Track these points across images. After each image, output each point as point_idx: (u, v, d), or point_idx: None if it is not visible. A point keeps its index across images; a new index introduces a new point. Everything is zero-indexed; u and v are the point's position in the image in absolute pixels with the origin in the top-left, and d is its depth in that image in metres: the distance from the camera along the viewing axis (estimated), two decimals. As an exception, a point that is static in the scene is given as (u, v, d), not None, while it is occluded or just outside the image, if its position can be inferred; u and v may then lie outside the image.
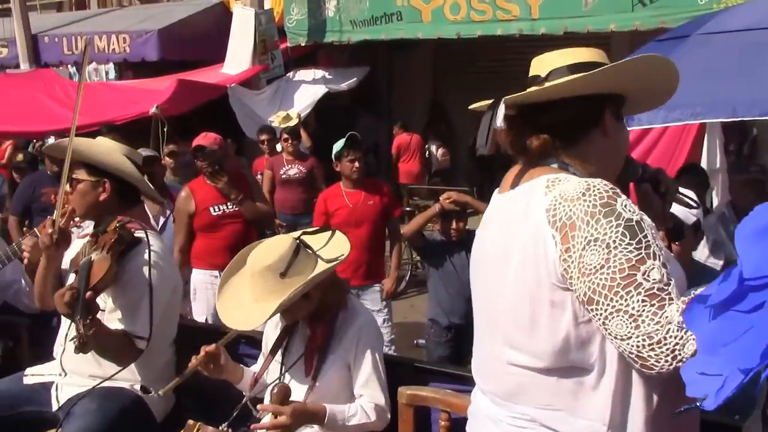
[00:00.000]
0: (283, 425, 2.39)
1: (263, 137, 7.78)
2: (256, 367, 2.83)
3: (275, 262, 2.47)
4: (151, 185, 3.09)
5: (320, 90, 10.00)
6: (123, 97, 9.32)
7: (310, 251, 2.61)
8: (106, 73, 11.42)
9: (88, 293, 2.52)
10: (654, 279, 1.47)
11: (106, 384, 2.79)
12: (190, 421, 2.51)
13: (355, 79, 10.55)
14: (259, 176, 7.56)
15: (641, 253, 1.49)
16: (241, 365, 2.82)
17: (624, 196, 1.56)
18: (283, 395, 2.44)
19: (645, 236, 1.50)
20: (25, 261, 3.07)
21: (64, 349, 2.89)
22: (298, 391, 2.57)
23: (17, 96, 9.73)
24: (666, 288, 1.48)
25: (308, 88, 10.08)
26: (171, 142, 8.04)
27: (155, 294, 2.75)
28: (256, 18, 9.60)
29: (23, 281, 3.43)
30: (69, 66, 11.80)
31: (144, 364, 2.85)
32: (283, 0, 10.41)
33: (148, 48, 10.89)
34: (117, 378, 2.79)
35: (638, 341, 1.45)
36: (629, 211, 1.52)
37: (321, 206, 4.91)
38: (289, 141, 7.57)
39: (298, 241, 2.57)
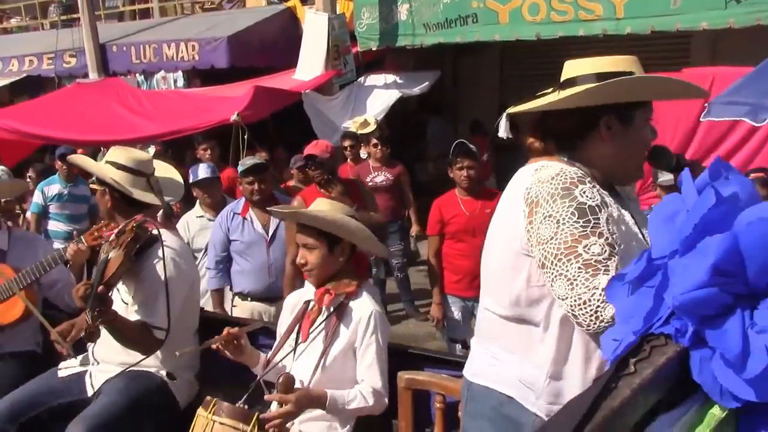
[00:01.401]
0: (288, 412, 2.60)
1: (347, 143, 7.63)
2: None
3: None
4: (151, 194, 3.24)
5: (393, 95, 9.82)
6: (196, 105, 9.27)
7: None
8: (175, 81, 11.39)
9: (100, 287, 2.77)
10: (593, 252, 1.74)
11: (136, 369, 3.09)
12: (208, 397, 2.72)
13: (427, 83, 10.37)
14: (344, 183, 7.42)
15: (586, 231, 1.76)
16: (258, 351, 3.01)
17: (588, 185, 1.83)
18: (287, 384, 2.64)
19: (596, 219, 1.78)
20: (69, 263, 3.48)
21: (95, 343, 3.16)
22: (307, 372, 2.79)
23: (91, 105, 9.75)
24: (604, 262, 1.73)
25: (381, 93, 9.92)
26: (251, 149, 7.97)
27: (171, 287, 3.00)
28: (329, 23, 9.46)
29: (68, 279, 3.67)
30: (137, 75, 11.79)
31: (169, 353, 3.08)
32: (353, 4, 10.26)
33: (217, 55, 10.83)
34: (145, 364, 3.09)
35: (571, 301, 1.73)
36: (586, 197, 1.80)
37: (436, 214, 4.75)
38: (379, 147, 7.42)
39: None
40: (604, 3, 8.45)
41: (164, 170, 3.50)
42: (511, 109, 2.03)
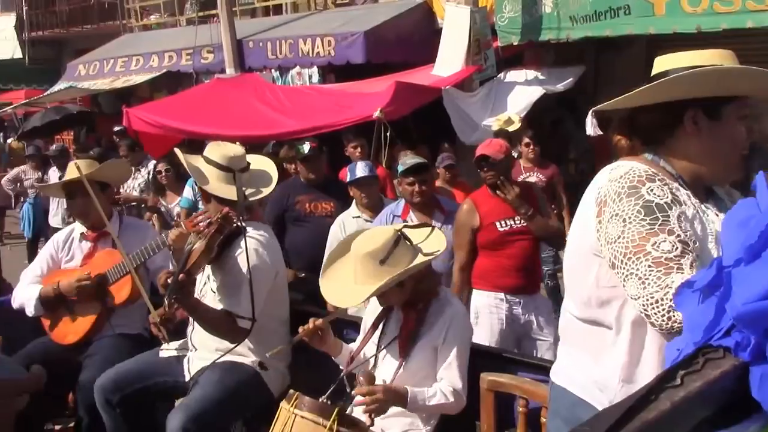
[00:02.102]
0: (379, 399, 2.65)
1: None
2: (353, 346, 3.11)
3: (377, 249, 2.73)
4: (231, 187, 3.34)
5: (536, 91, 9.40)
6: (335, 101, 9.16)
7: (410, 243, 2.84)
8: (310, 77, 11.36)
9: (180, 275, 2.90)
10: (663, 250, 1.69)
11: (229, 358, 3.21)
12: (291, 391, 2.74)
13: (570, 79, 9.87)
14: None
15: (654, 228, 1.72)
16: (341, 341, 3.07)
17: (657, 182, 1.79)
18: (369, 379, 2.71)
19: (665, 216, 1.73)
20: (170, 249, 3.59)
21: (193, 328, 3.37)
22: (389, 371, 2.84)
23: (230, 100, 9.84)
24: (676, 259, 1.68)
25: (522, 90, 9.51)
26: (394, 147, 7.76)
27: (254, 278, 3.07)
28: (471, 16, 9.13)
29: (171, 267, 3.71)
30: (272, 70, 11.86)
31: (258, 343, 3.20)
32: (494, -3, 9.89)
33: (353, 51, 10.72)
34: (238, 353, 3.22)
35: (644, 300, 1.68)
36: (654, 194, 1.76)
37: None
38: (531, 146, 7.05)
39: (399, 232, 2.81)
40: (777, -9, 7.75)
41: (260, 164, 3.64)
42: (599, 107, 2.01)
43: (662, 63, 1.96)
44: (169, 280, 3.09)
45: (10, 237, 12.48)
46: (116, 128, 10.42)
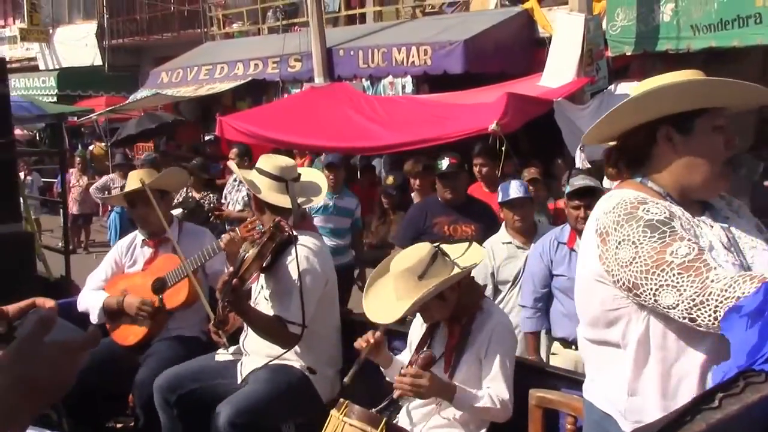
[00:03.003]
0: (421, 386, 2.68)
1: None
2: (401, 357, 3.17)
3: (414, 265, 2.81)
4: (285, 196, 3.46)
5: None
6: (438, 113, 8.70)
7: (448, 258, 2.92)
8: (403, 87, 10.97)
9: (235, 281, 3.03)
10: (682, 254, 1.76)
11: (278, 362, 3.31)
12: (341, 399, 2.81)
13: (686, 92, 9.22)
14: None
15: (665, 240, 1.80)
16: (392, 354, 3.14)
17: (650, 203, 1.89)
18: (427, 361, 2.73)
19: (671, 228, 1.83)
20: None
21: (246, 335, 3.49)
22: None
23: (324, 110, 9.48)
24: (700, 258, 1.75)
25: (636, 103, 8.92)
26: (508, 163, 7.27)
27: (304, 285, 3.20)
28: (585, 25, 8.60)
29: (226, 271, 3.74)
30: (363, 79, 11.50)
31: (309, 348, 3.32)
32: (606, 4, 9.33)
33: (451, 60, 10.27)
34: (287, 357, 3.31)
35: (685, 306, 1.73)
36: (651, 213, 1.86)
37: None
38: None
39: (436, 248, 2.90)
40: None
41: (310, 175, 3.82)
42: (585, 137, 2.14)
43: (642, 86, 2.02)
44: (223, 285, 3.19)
45: (95, 245, 12.37)
46: (207, 137, 10.14)
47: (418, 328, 3.11)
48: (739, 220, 2.05)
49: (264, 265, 3.26)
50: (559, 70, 8.88)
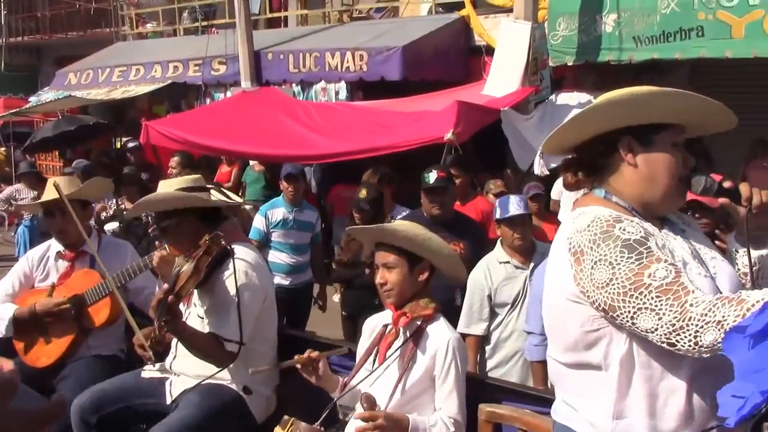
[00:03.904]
0: (381, 426, 2.60)
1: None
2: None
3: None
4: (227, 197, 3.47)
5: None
6: (382, 121, 8.36)
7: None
8: (337, 93, 10.53)
9: (170, 297, 2.86)
10: (660, 277, 1.75)
11: (212, 381, 3.16)
12: (285, 417, 2.81)
13: (627, 104, 9.22)
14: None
15: (642, 262, 1.79)
16: (337, 376, 3.00)
17: (625, 222, 1.87)
18: (371, 402, 2.68)
19: (647, 249, 1.81)
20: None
21: (174, 356, 3.35)
22: (383, 397, 2.76)
23: (258, 116, 8.98)
24: (677, 281, 1.75)
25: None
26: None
27: (242, 301, 3.08)
28: (531, 33, 8.45)
29: (157, 289, 3.66)
30: (293, 85, 11.00)
31: (244, 366, 3.10)
32: (548, 14, 9.21)
33: (389, 66, 9.95)
34: (221, 378, 3.17)
35: (664, 330, 1.72)
36: (628, 232, 1.84)
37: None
38: None
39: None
40: None
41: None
42: (543, 146, 2.13)
43: (603, 97, 2.01)
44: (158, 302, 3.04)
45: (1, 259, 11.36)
46: (131, 144, 9.44)
47: (365, 340, 3.04)
48: (693, 232, 2.08)
49: (200, 279, 3.08)
50: (504, 78, 8.69)
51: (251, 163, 9.68)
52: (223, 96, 11.63)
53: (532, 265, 3.97)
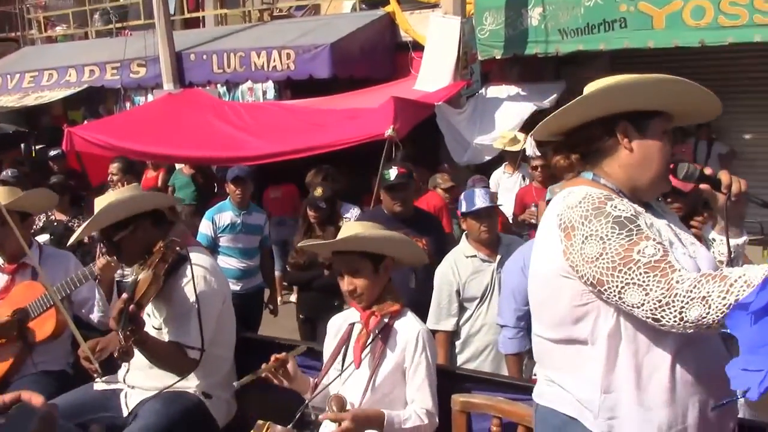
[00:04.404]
0: (347, 429, 2.56)
1: (537, 162, 6.65)
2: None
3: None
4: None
5: (527, 108, 8.87)
6: (315, 120, 8.25)
7: None
8: (264, 93, 10.36)
9: (131, 307, 2.75)
10: (649, 254, 1.80)
11: (172, 389, 3.07)
12: (260, 421, 2.70)
13: (555, 95, 9.41)
14: (533, 208, 6.45)
15: (632, 238, 1.83)
16: (307, 376, 2.96)
17: (616, 200, 1.94)
18: (340, 404, 2.64)
19: (637, 226, 1.86)
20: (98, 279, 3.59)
21: (127, 369, 3.22)
22: (356, 395, 2.74)
23: (186, 118, 8.73)
24: (665, 259, 1.80)
25: (511, 106, 8.97)
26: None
27: (202, 306, 3.00)
28: (461, 28, 8.51)
29: (97, 296, 3.70)
30: (218, 85, 10.76)
31: (205, 372, 3.11)
32: (474, 8, 9.30)
33: (317, 64, 9.85)
34: (180, 385, 3.07)
35: (651, 306, 1.76)
36: (619, 210, 1.89)
37: None
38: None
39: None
40: (787, 5, 7.57)
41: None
42: (536, 131, 2.15)
43: (592, 85, 2.05)
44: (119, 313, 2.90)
45: None
46: (53, 152, 9.02)
47: (331, 339, 3.00)
48: (672, 218, 2.13)
49: (160, 286, 2.98)
50: (435, 73, 8.74)
51: (179, 166, 9.43)
52: (145, 99, 11.29)
53: (498, 257, 3.97)
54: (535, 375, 3.72)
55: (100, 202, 3.18)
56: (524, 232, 6.67)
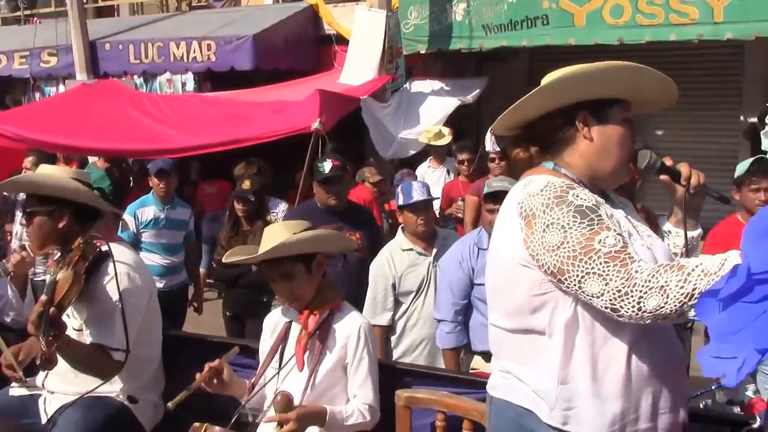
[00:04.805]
0: (293, 430, 2.51)
1: (463, 156, 6.66)
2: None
3: (294, 225, 2.83)
4: (105, 201, 3.12)
5: (452, 102, 8.91)
6: (239, 112, 8.07)
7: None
8: (183, 85, 10.06)
9: (52, 309, 2.60)
10: (610, 244, 1.80)
11: (94, 394, 2.90)
12: (196, 424, 2.60)
13: (477, 90, 9.50)
14: (460, 202, 6.47)
15: (594, 228, 1.83)
16: (244, 379, 2.87)
17: (578, 189, 1.93)
18: (285, 402, 2.55)
19: (598, 216, 1.86)
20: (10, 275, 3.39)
21: (47, 374, 3.02)
22: (296, 393, 2.67)
23: (102, 110, 8.40)
24: (625, 250, 1.80)
25: (435, 101, 8.98)
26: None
27: (126, 305, 2.85)
28: (386, 21, 8.46)
29: (10, 294, 3.50)
30: (135, 77, 10.39)
31: (130, 374, 2.96)
32: (399, 3, 9.27)
33: (239, 56, 9.61)
34: (103, 389, 2.91)
35: (610, 296, 1.76)
36: (581, 199, 1.89)
37: (720, 247, 3.86)
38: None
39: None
40: (700, 6, 7.82)
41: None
42: (495, 125, 2.13)
43: (550, 76, 2.05)
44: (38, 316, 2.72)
45: None
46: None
47: (267, 338, 2.92)
48: (628, 210, 2.12)
49: (82, 285, 2.81)
50: (361, 67, 8.68)
51: (92, 159, 9.06)
52: (56, 90, 10.82)
53: (435, 250, 3.94)
54: (475, 368, 3.72)
55: (41, 169, 3.18)
56: (450, 226, 6.70)
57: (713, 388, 1.61)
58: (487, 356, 3.65)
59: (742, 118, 9.88)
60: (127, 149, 8.03)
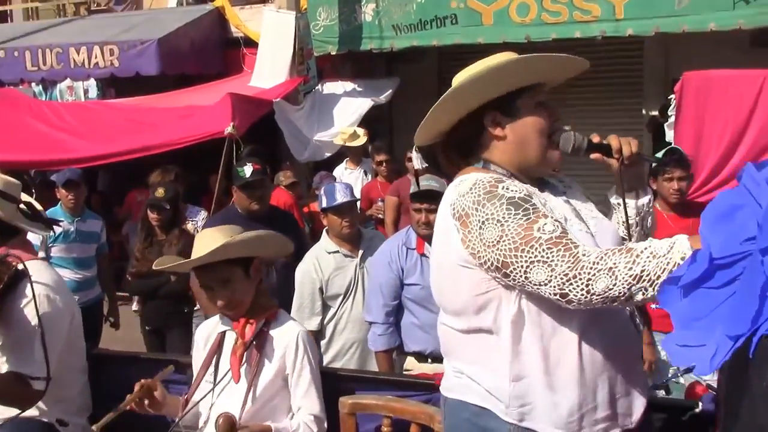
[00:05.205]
0: None
1: (381, 158, 6.63)
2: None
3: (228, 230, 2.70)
4: (25, 217, 2.89)
5: (365, 103, 8.89)
6: (147, 118, 7.87)
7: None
8: (86, 91, 9.68)
9: None
10: (549, 230, 1.76)
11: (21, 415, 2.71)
12: None
13: (390, 91, 9.51)
14: (380, 203, 6.44)
15: (530, 217, 1.79)
16: (177, 397, 2.74)
17: (507, 182, 1.89)
18: (229, 424, 2.47)
19: (532, 204, 1.82)
20: None
21: None
22: (234, 407, 2.56)
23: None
24: (565, 235, 1.77)
25: (349, 102, 8.94)
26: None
27: (47, 329, 2.64)
28: (296, 23, 8.37)
29: None
30: (33, 84, 9.93)
31: (55, 399, 2.82)
32: (307, 4, 9.18)
33: (144, 60, 9.31)
34: (29, 413, 2.74)
35: (558, 282, 1.71)
36: (511, 191, 1.84)
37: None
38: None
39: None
40: (602, 3, 8.05)
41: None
42: (416, 138, 2.10)
43: (457, 78, 2.03)
44: None
45: None
46: None
47: (200, 351, 2.80)
48: (574, 193, 2.12)
49: None
50: (271, 69, 8.56)
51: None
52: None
53: (361, 252, 3.89)
54: (409, 369, 3.69)
55: None
56: (370, 226, 6.67)
57: (675, 376, 1.61)
58: (420, 357, 3.63)
59: (644, 111, 10.22)
60: (28, 160, 7.68)
